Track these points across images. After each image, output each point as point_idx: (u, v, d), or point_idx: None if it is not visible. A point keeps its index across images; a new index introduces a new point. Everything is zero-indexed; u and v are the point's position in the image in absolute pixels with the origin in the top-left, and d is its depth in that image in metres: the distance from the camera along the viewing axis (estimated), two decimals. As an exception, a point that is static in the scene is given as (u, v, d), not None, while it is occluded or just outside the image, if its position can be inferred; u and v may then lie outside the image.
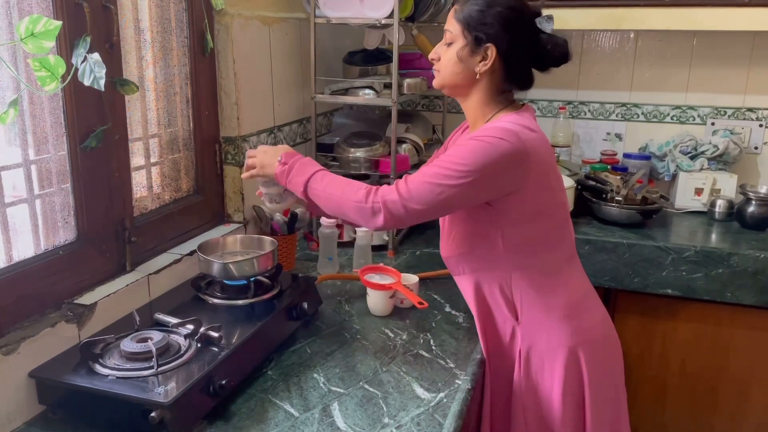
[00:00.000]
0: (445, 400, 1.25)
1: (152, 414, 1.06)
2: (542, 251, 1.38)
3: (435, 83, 1.41)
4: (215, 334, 1.26)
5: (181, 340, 1.26)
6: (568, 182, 2.21)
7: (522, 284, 1.38)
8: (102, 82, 1.18)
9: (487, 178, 1.26)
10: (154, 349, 1.18)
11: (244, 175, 1.45)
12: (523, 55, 1.33)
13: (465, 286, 1.48)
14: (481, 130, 1.30)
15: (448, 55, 1.35)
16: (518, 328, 1.41)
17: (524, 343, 1.40)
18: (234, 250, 1.62)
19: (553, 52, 1.33)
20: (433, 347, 1.46)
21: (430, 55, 1.41)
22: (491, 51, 1.30)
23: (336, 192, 1.32)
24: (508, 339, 1.43)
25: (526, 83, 1.38)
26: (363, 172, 2.10)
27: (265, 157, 1.42)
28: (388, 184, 1.39)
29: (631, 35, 2.59)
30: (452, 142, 1.51)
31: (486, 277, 1.42)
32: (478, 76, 1.33)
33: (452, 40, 1.34)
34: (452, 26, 1.34)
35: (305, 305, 1.51)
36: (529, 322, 1.39)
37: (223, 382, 1.18)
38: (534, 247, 1.37)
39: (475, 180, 1.24)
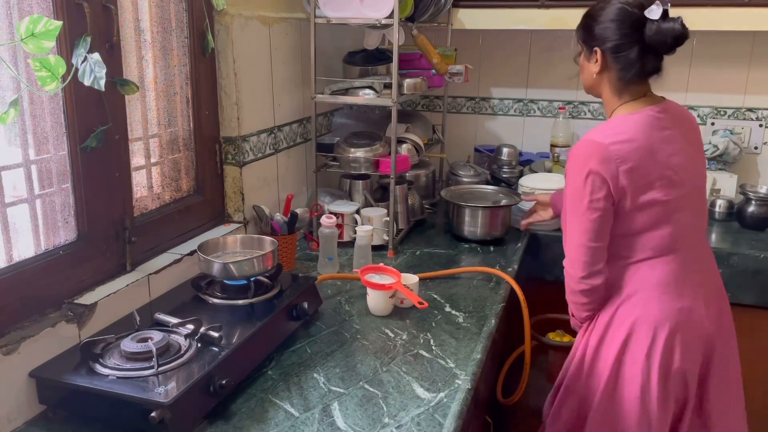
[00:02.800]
0: (445, 400, 1.25)
1: (152, 414, 1.06)
2: (628, 242, 1.50)
3: (586, 92, 1.67)
4: (215, 334, 1.26)
5: (181, 340, 1.26)
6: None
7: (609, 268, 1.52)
8: (102, 82, 1.18)
9: (592, 200, 1.44)
10: (154, 349, 1.18)
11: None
12: (626, 48, 1.46)
13: None
14: (570, 161, 1.51)
15: (581, 64, 1.62)
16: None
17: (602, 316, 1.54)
18: (234, 250, 1.62)
19: (661, 39, 1.43)
20: (433, 347, 1.46)
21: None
22: (598, 53, 1.51)
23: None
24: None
25: (647, 71, 1.51)
26: (363, 172, 2.10)
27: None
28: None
29: (631, 35, 2.58)
30: None
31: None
32: (595, 76, 1.55)
33: (581, 50, 1.60)
34: (578, 41, 1.60)
35: (305, 305, 1.51)
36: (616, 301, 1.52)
37: (223, 382, 1.18)
38: (621, 238, 1.50)
39: (584, 208, 1.45)
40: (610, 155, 1.41)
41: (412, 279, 1.70)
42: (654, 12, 1.41)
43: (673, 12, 2.24)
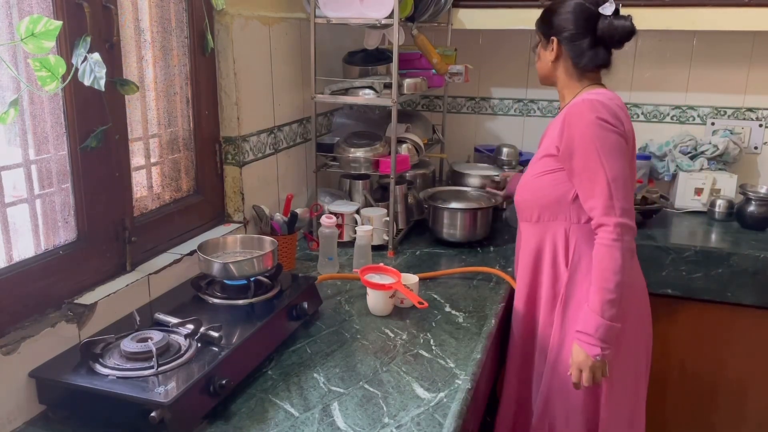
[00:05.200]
0: (445, 400, 1.25)
1: (152, 414, 1.06)
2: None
3: (540, 83, 1.74)
4: (215, 334, 1.26)
5: (181, 340, 1.26)
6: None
7: (579, 236, 1.57)
8: (102, 82, 1.18)
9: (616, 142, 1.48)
10: (154, 349, 1.18)
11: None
12: (580, 38, 1.56)
13: (530, 230, 1.66)
14: (576, 115, 1.50)
15: (538, 53, 1.69)
16: (566, 273, 1.59)
17: (567, 289, 1.59)
18: (234, 250, 1.62)
19: (611, 32, 1.54)
20: (433, 347, 1.46)
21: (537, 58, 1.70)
22: (554, 42, 1.60)
23: (611, 284, 1.44)
24: (551, 283, 1.62)
25: (600, 62, 1.59)
26: (363, 172, 2.10)
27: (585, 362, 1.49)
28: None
29: (631, 35, 2.58)
30: (548, 133, 1.67)
31: (551, 227, 1.61)
32: (550, 64, 1.63)
33: (539, 40, 1.68)
34: (537, 33, 1.68)
35: (305, 305, 1.51)
36: (576, 270, 1.58)
37: (223, 382, 1.18)
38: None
39: (621, 152, 1.48)
40: (618, 114, 1.49)
41: (412, 279, 1.70)
42: (607, 9, 1.53)
43: (676, 12, 2.26)
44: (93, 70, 1.18)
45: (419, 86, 2.15)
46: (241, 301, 1.45)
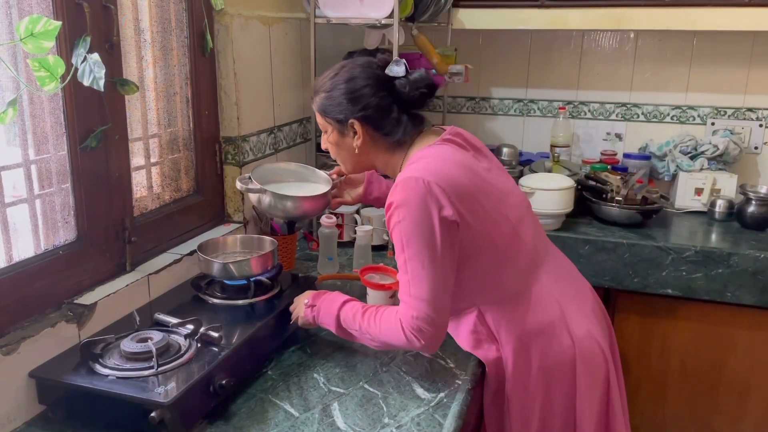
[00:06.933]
0: (445, 400, 1.25)
1: (152, 414, 1.06)
2: (498, 279, 1.33)
3: (349, 174, 1.50)
4: (215, 334, 1.26)
5: (181, 340, 1.26)
6: (568, 182, 2.20)
7: (494, 314, 1.35)
8: (102, 82, 1.18)
9: (435, 240, 1.22)
10: (154, 349, 1.18)
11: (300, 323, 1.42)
12: (386, 110, 1.33)
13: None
14: (389, 202, 1.28)
15: (329, 145, 1.41)
16: (502, 351, 1.36)
17: (509, 367, 1.35)
18: (234, 250, 1.62)
19: (413, 92, 1.33)
20: (433, 347, 1.46)
21: (323, 146, 1.45)
22: (356, 125, 1.33)
23: (375, 334, 1.28)
24: (494, 361, 1.37)
25: (414, 123, 1.37)
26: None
27: (298, 305, 1.42)
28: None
29: (631, 35, 2.58)
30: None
31: (460, 315, 1.39)
32: (357, 151, 1.36)
33: (325, 129, 1.40)
34: (318, 118, 1.40)
35: (305, 305, 1.51)
36: (510, 348, 1.34)
37: (223, 382, 1.18)
38: (489, 278, 1.32)
39: (432, 255, 1.22)
40: (443, 196, 1.22)
41: (412, 279, 1.70)
42: (398, 70, 1.33)
43: (676, 12, 2.25)
44: (92, 70, 1.18)
45: (419, 86, 2.15)
46: (241, 301, 1.45)
